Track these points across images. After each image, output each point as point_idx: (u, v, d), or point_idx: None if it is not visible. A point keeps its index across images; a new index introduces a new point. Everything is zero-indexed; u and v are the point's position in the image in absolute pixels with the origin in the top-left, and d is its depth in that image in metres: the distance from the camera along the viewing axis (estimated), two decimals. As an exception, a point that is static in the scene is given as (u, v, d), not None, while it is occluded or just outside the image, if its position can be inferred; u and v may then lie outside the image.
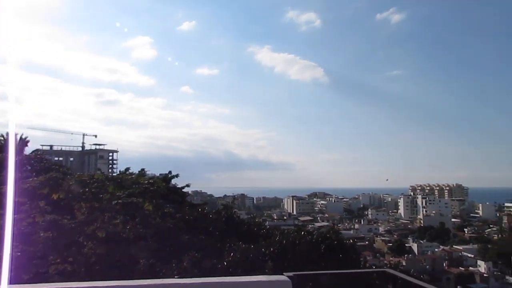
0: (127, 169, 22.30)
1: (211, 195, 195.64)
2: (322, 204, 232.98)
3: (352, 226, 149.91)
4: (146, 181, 18.62)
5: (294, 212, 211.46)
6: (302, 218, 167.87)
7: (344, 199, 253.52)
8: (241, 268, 12.61)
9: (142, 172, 21.62)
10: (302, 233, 15.47)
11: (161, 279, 4.90)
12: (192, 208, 19.52)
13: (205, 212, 18.21)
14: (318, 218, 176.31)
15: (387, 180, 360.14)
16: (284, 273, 4.77)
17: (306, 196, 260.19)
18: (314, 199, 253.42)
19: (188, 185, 22.55)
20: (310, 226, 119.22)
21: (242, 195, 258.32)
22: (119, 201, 14.30)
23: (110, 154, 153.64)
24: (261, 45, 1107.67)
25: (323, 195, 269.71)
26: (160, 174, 23.32)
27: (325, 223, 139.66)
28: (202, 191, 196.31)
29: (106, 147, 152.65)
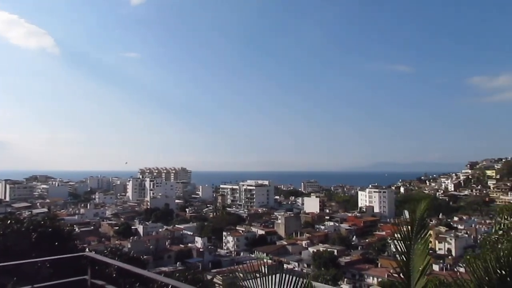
0: None
1: None
2: (43, 188, 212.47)
3: (77, 211, 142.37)
4: None
5: (7, 198, 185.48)
6: (16, 205, 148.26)
7: (70, 183, 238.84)
8: None
9: None
10: (9, 222, 12.95)
11: None
12: None
13: None
14: (38, 204, 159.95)
15: (126, 163, 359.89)
16: None
17: (24, 180, 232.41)
18: (34, 183, 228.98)
19: None
20: (26, 213, 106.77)
21: None
22: None
23: None
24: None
25: (45, 178, 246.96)
26: None
27: (45, 209, 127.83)
28: None
29: None
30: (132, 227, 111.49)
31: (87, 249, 21.45)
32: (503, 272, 5.02)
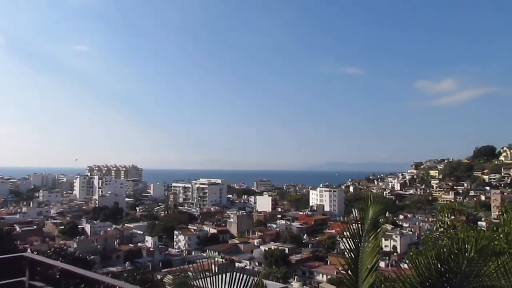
0: None
1: None
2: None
3: (18, 210, 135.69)
4: None
5: None
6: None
7: (11, 180, 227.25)
8: None
9: None
10: None
11: None
12: None
13: None
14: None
15: (76, 159, 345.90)
16: None
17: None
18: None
19: None
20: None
21: None
22: None
23: None
24: None
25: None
26: None
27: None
28: None
29: None
30: (79, 226, 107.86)
31: (28, 250, 20.48)
32: (443, 267, 5.23)
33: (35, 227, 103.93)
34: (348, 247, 5.78)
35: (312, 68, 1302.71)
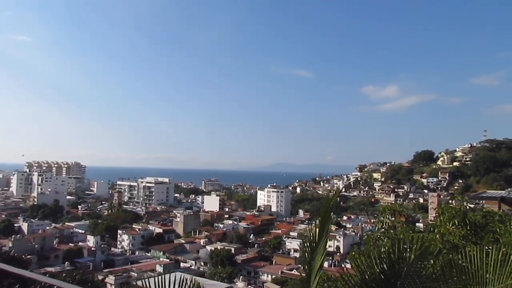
0: None
1: None
2: None
3: None
4: None
5: None
6: None
7: None
8: None
9: None
10: None
11: None
12: None
13: None
14: None
15: (23, 155, 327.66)
16: None
17: None
18: None
19: None
20: None
21: None
22: None
23: None
24: None
25: None
26: None
27: None
28: None
29: None
30: (15, 225, 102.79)
31: (-44, 249, 19.15)
32: (384, 266, 5.38)
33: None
34: (306, 250, 5.73)
35: (262, 69, 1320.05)
